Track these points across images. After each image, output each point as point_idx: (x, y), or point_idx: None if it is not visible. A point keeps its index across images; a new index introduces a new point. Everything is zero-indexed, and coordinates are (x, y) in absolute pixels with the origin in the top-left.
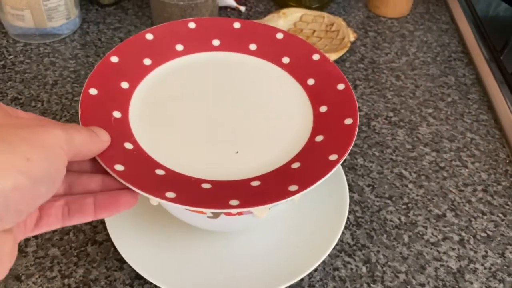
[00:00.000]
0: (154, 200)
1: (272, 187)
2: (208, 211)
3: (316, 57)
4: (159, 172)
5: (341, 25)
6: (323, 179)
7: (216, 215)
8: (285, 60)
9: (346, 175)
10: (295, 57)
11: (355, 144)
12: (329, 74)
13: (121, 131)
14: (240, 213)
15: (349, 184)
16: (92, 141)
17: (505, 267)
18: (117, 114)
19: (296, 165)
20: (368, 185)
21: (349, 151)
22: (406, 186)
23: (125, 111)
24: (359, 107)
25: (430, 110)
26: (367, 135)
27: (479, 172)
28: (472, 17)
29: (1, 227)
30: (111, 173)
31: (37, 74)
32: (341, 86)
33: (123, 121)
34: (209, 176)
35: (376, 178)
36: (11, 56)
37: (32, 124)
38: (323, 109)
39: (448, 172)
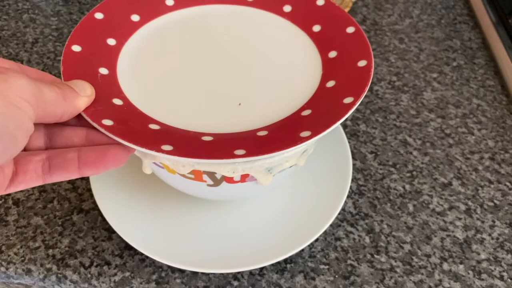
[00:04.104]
0: (147, 167)
1: (281, 135)
2: (209, 171)
3: (320, 2)
4: (153, 126)
5: None
6: (338, 123)
7: (216, 183)
8: (287, 8)
9: (348, 142)
10: (297, 4)
11: (357, 110)
12: (336, 19)
13: (108, 87)
14: (243, 180)
15: (351, 151)
16: (67, 98)
17: None
18: (103, 70)
19: (307, 112)
20: (371, 152)
21: (365, 93)
22: (411, 153)
23: (112, 68)
24: None
25: (435, 75)
26: (370, 100)
27: (486, 140)
28: None
29: None
30: (98, 127)
31: (16, 32)
32: (350, 29)
33: (111, 78)
34: (210, 129)
35: (379, 145)
36: None
37: None
38: (333, 54)
39: (454, 139)
